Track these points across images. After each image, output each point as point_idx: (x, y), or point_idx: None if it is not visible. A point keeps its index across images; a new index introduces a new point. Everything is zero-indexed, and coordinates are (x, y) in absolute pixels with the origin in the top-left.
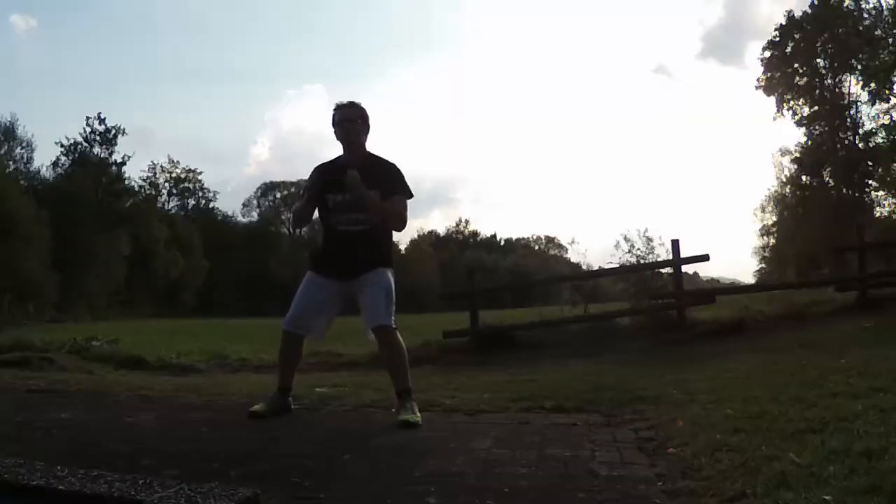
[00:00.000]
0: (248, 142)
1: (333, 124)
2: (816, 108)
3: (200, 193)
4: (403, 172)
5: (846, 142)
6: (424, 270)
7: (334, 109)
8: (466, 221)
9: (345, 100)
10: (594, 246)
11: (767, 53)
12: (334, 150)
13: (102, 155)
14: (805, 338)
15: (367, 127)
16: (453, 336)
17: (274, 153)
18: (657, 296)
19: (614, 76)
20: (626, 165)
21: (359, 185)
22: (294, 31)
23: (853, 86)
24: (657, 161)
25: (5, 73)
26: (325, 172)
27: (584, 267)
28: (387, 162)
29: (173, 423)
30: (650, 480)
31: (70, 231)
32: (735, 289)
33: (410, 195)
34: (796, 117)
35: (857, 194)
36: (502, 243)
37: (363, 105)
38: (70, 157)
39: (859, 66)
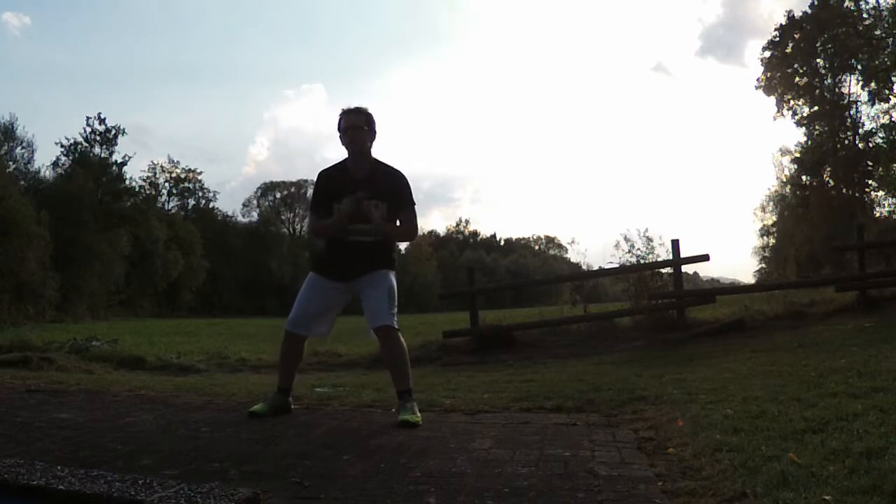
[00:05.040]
0: (246, 141)
1: (339, 130)
2: (816, 108)
3: (200, 193)
4: (408, 180)
5: (846, 142)
6: (424, 270)
7: (340, 115)
8: (466, 221)
9: (352, 105)
10: (594, 246)
11: (767, 53)
12: (332, 149)
13: (103, 155)
14: (805, 338)
15: (374, 133)
16: (453, 336)
17: (273, 153)
18: (657, 296)
19: (613, 74)
20: (625, 165)
21: (362, 208)
22: (293, 31)
23: (853, 86)
24: (657, 160)
25: (2, 72)
26: (329, 178)
27: (584, 267)
28: (393, 171)
29: (173, 423)
30: (650, 480)
31: (70, 231)
32: (735, 289)
33: (414, 204)
34: (796, 117)
35: (857, 194)
36: (502, 243)
37: (370, 111)
38: (70, 157)
39: (859, 66)
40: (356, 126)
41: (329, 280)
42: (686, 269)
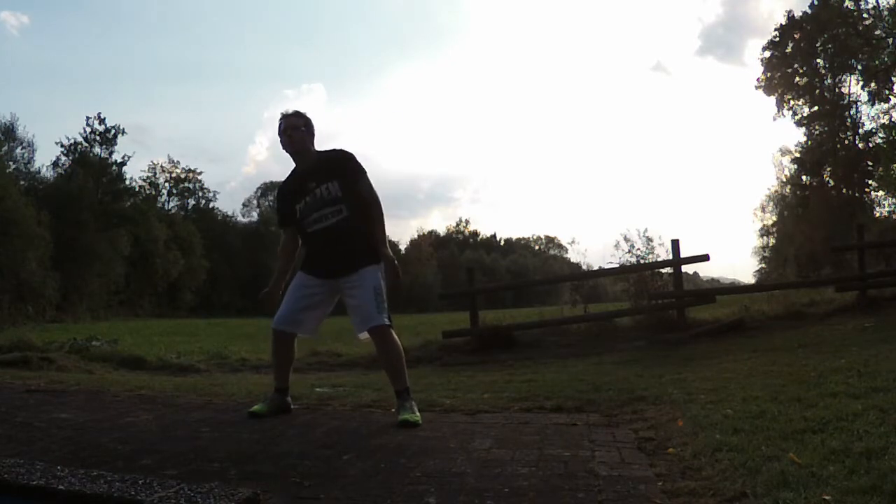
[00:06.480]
0: (246, 141)
1: (279, 134)
2: (816, 108)
3: (200, 193)
4: (352, 152)
5: (846, 142)
6: (424, 270)
7: (279, 119)
8: (466, 221)
9: (289, 109)
10: (594, 246)
11: (767, 53)
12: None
13: (103, 155)
14: (805, 338)
15: (312, 133)
16: (453, 336)
17: (273, 153)
18: (657, 296)
19: (613, 74)
20: (625, 165)
21: (396, 274)
22: (293, 31)
23: (853, 86)
24: (657, 160)
25: (2, 72)
26: (283, 189)
27: (584, 267)
28: (334, 150)
29: (173, 423)
30: (650, 480)
31: (70, 231)
32: (735, 289)
33: (365, 171)
34: (796, 117)
35: (857, 194)
36: (502, 243)
37: (306, 113)
38: (70, 157)
39: (859, 66)
40: (294, 126)
41: (314, 277)
42: (686, 269)
